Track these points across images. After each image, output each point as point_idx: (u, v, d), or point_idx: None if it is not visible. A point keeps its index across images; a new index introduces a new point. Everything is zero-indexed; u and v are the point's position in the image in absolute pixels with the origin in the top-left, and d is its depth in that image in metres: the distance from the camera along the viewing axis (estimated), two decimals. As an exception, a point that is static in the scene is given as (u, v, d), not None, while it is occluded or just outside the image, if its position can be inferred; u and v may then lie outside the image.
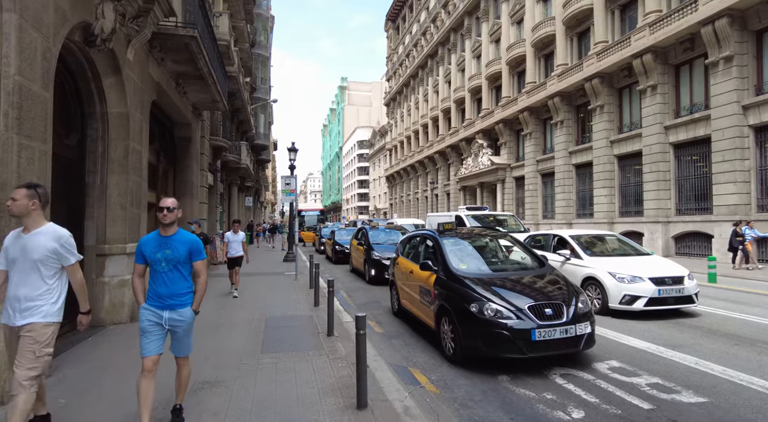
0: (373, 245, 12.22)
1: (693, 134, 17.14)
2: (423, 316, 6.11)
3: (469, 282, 5.22)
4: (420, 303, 6.16)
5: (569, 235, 8.97)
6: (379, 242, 12.58)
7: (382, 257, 11.42)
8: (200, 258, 3.37)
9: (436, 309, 5.54)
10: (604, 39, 21.66)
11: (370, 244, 12.35)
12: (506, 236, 7.23)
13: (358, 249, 13.49)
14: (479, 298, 4.88)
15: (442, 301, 5.39)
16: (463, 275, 5.43)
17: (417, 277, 6.32)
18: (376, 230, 14.02)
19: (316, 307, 7.83)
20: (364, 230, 13.53)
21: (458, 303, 5.04)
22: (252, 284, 11.25)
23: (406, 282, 6.95)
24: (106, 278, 6.36)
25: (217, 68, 11.63)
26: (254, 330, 6.28)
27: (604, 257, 8.26)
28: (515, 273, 5.74)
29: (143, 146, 7.51)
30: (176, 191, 12.41)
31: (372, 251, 11.88)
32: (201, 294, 3.46)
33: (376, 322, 7.17)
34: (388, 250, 11.65)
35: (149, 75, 8.00)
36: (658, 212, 18.38)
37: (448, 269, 5.64)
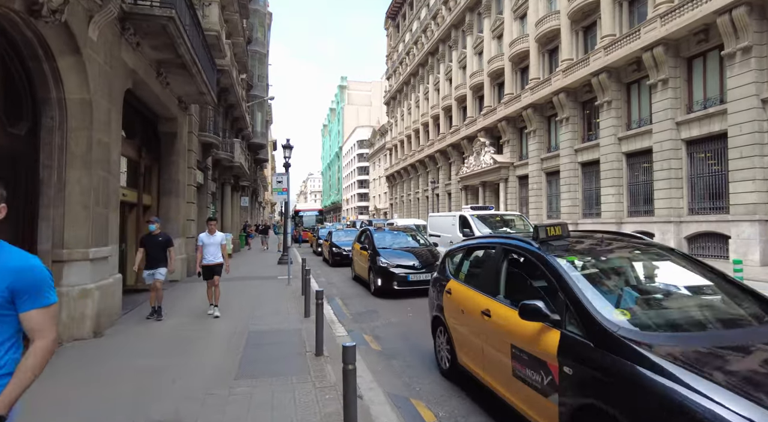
0: (379, 250, 10.56)
1: (707, 130, 16.33)
2: (521, 404, 3.28)
3: (676, 368, 2.21)
4: (514, 378, 3.31)
5: None
6: (386, 247, 10.99)
7: (389, 265, 9.88)
8: (38, 305, 1.63)
9: (568, 411, 2.71)
10: (612, 32, 20.87)
11: (375, 249, 10.68)
12: (672, 253, 3.79)
13: (361, 254, 11.70)
14: None
15: (592, 399, 2.54)
16: (646, 344, 2.44)
17: (503, 325, 3.51)
18: (381, 231, 12.35)
19: (306, 318, 7.04)
20: (368, 233, 11.94)
21: None
22: (239, 289, 10.46)
23: (471, 327, 4.08)
24: (64, 287, 5.57)
25: (204, 58, 10.85)
26: (232, 347, 5.49)
27: None
28: (740, 336, 2.69)
29: (113, 138, 6.72)
30: (161, 190, 11.65)
31: (378, 257, 10.17)
32: (25, 383, 1.57)
33: (373, 337, 6.37)
34: (397, 256, 10.26)
35: (122, 61, 7.22)
36: (670, 211, 17.58)
37: (593, 322, 2.71)
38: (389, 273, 9.69)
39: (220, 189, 20.80)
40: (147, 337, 6.11)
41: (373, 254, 10.51)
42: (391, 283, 9.59)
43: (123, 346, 5.59)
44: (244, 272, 14.18)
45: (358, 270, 12.08)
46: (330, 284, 11.98)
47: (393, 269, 9.71)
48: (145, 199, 10.83)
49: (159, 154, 11.64)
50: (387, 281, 9.66)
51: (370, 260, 10.59)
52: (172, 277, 11.49)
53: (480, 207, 16.55)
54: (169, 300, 8.86)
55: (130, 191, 10.05)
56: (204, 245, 7.64)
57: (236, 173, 23.00)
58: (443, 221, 15.03)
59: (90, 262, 5.71)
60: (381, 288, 9.77)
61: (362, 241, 12.33)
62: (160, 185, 11.65)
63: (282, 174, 12.34)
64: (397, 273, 9.62)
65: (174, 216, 11.72)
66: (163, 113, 11.20)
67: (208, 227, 7.86)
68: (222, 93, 19.74)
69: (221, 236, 7.91)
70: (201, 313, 7.68)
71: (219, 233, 7.88)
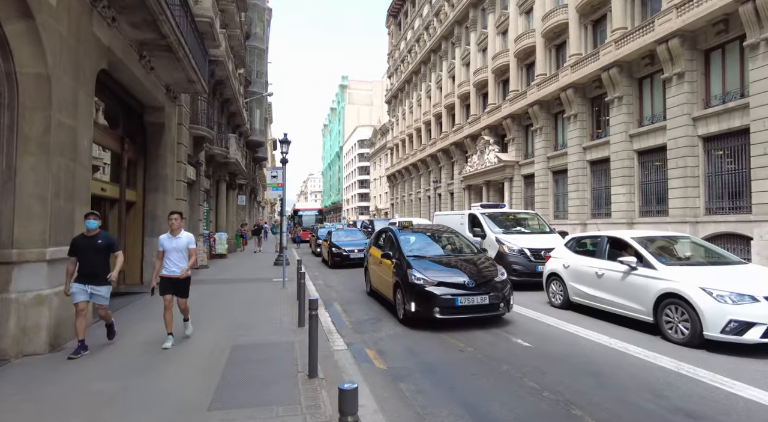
0: (410, 260, 7.40)
1: (727, 126, 15.49)
2: None
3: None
4: None
5: (631, 237, 6.98)
6: (418, 254, 7.81)
7: (427, 282, 6.76)
8: None
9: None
10: (623, 25, 20.07)
11: (404, 257, 7.54)
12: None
13: (382, 264, 8.47)
14: None
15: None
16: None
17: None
18: (408, 233, 8.95)
19: (300, 328, 6.20)
20: (391, 234, 8.75)
21: None
22: (229, 293, 9.65)
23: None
24: (13, 293, 4.75)
25: (194, 43, 10.03)
26: (212, 366, 4.66)
27: (687, 266, 6.33)
28: None
29: (81, 122, 5.90)
30: (147, 185, 10.84)
31: (410, 271, 7.05)
32: None
33: (377, 352, 5.50)
34: (437, 269, 7.14)
35: (94, 36, 6.40)
36: (685, 211, 16.76)
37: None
38: (428, 295, 6.62)
39: (214, 187, 19.98)
40: (113, 351, 5.28)
41: (400, 266, 7.45)
42: (430, 309, 6.57)
43: (81, 363, 4.76)
44: (237, 273, 13.36)
45: (377, 284, 9.01)
46: (328, 287, 11.14)
47: (432, 289, 6.65)
48: (128, 195, 10.02)
49: (145, 146, 10.83)
50: (425, 305, 6.62)
51: (396, 273, 7.53)
52: (158, 279, 10.68)
53: (490, 205, 15.36)
54: (147, 306, 8.04)
55: (112, 185, 9.24)
56: (165, 251, 5.67)
57: (232, 170, 22.17)
58: (451, 220, 14.08)
59: (47, 264, 4.89)
60: (415, 315, 6.69)
61: (382, 245, 9.17)
62: (146, 180, 10.84)
63: (277, 168, 11.46)
64: (439, 295, 6.55)
65: (161, 214, 10.88)
66: (149, 102, 10.38)
67: (170, 224, 5.79)
68: (217, 86, 18.95)
69: (187, 238, 5.78)
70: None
71: (185, 233, 5.83)
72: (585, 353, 5.36)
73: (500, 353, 5.36)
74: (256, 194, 44.17)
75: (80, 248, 5.17)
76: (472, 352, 5.41)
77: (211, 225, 19.43)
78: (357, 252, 15.09)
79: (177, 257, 5.67)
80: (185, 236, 5.81)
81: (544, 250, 10.60)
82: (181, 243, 5.72)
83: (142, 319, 6.88)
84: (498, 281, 6.85)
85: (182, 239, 5.75)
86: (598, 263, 7.16)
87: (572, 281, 7.69)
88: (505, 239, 10.94)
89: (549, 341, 5.92)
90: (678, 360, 4.98)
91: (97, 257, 5.22)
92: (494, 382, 4.39)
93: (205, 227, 17.72)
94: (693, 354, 5.24)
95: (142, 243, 10.66)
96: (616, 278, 6.67)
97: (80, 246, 5.18)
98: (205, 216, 17.79)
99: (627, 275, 6.48)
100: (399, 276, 7.35)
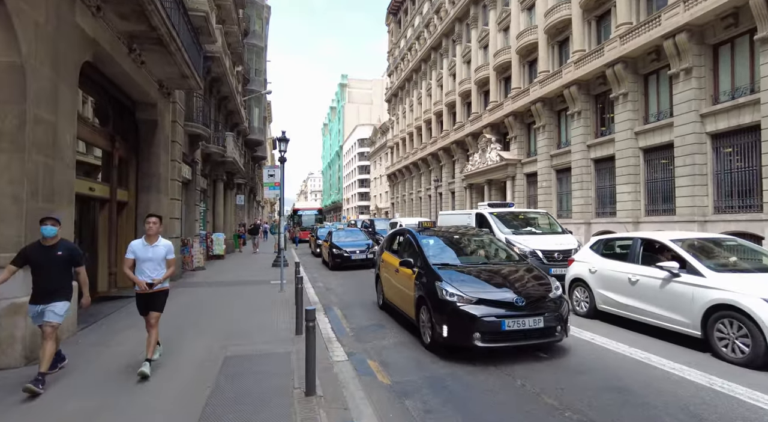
0: (438, 270, 5.86)
1: (736, 122, 15.10)
2: None
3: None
4: None
5: (670, 239, 6.20)
6: (447, 262, 6.25)
7: (463, 298, 5.22)
8: None
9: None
10: (628, 20, 19.68)
11: (430, 268, 5.97)
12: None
13: (400, 273, 6.83)
14: None
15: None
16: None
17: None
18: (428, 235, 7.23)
19: (298, 336, 5.82)
20: (411, 237, 7.14)
21: None
22: (224, 297, 9.26)
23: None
24: (-17, 303, 4.36)
25: (187, 37, 9.65)
26: (200, 381, 4.27)
27: (741, 273, 5.54)
28: None
29: (63, 118, 5.51)
30: (139, 185, 10.46)
31: (440, 285, 5.50)
32: None
33: (380, 364, 5.08)
34: (474, 282, 5.57)
35: (77, 26, 6.01)
36: (693, 210, 16.37)
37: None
38: (465, 316, 5.07)
39: (211, 186, 19.59)
40: (97, 363, 4.90)
41: (426, 277, 5.89)
42: (468, 334, 5.02)
43: (57, 378, 4.37)
44: (234, 275, 12.98)
45: (393, 297, 7.39)
46: (328, 290, 10.76)
47: (471, 309, 5.10)
48: (119, 194, 9.63)
49: (137, 144, 10.44)
50: (461, 329, 5.08)
51: (420, 286, 5.96)
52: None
53: (498, 204, 14.57)
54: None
55: (101, 185, 8.85)
56: (138, 261, 4.71)
57: (230, 169, 21.78)
58: (457, 219, 13.57)
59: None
60: (449, 341, 5.15)
61: (398, 250, 7.75)
62: (138, 179, 10.45)
63: (274, 167, 11.07)
64: (481, 317, 5.03)
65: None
66: (141, 98, 9.99)
67: (146, 229, 4.81)
68: (214, 83, 18.56)
69: (166, 247, 4.85)
70: (176, 330, 6.46)
71: (164, 241, 4.90)
72: (612, 367, 4.87)
73: (516, 366, 4.94)
74: (255, 193, 43.77)
75: (35, 260, 4.29)
76: (483, 365, 4.98)
77: (209, 226, 19.04)
78: (359, 253, 14.67)
79: (152, 268, 4.74)
80: (164, 244, 4.84)
81: (558, 252, 10.17)
82: (159, 253, 4.77)
83: (129, 326, 6.50)
84: (553, 298, 5.43)
85: (160, 248, 4.78)
86: (631, 268, 6.45)
87: (600, 288, 7.02)
88: (516, 240, 10.45)
89: (571, 353, 5.40)
90: (733, 382, 4.32)
91: (56, 271, 4.31)
92: (511, 399, 4.01)
93: (202, 227, 17.34)
94: (753, 376, 4.50)
95: (134, 245, 10.28)
96: (653, 285, 5.94)
97: (35, 258, 4.28)
98: (201, 216, 17.41)
99: (667, 283, 5.75)
100: (424, 290, 5.78)
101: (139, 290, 4.70)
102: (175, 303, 8.53)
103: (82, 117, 7.51)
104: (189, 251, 13.34)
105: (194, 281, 11.79)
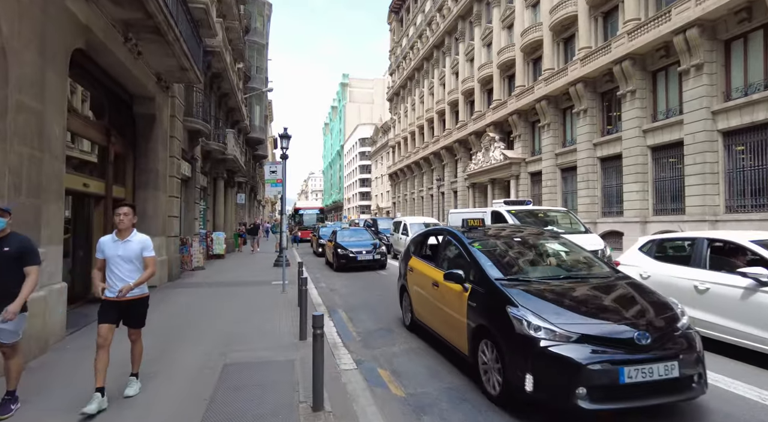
0: (505, 288, 4.09)
1: (750, 119, 14.72)
2: None
3: None
4: None
5: (749, 239, 5.21)
6: (523, 279, 4.40)
7: (559, 334, 3.47)
8: None
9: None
10: (636, 16, 19.31)
11: (497, 286, 4.19)
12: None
13: (445, 291, 4.98)
14: None
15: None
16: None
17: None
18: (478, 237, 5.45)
19: (302, 341, 5.44)
20: (457, 242, 5.37)
21: None
22: (224, 298, 8.88)
23: None
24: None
25: (185, 28, 9.28)
26: (196, 394, 3.88)
27: None
28: None
29: (51, 107, 5.15)
30: (137, 181, 10.10)
31: (513, 312, 3.76)
32: None
33: (392, 373, 4.65)
34: (564, 310, 3.74)
35: (67, 10, 5.65)
36: (704, 209, 16.00)
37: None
38: (562, 363, 3.34)
39: (212, 184, 19.23)
40: (83, 371, 4.53)
41: (487, 298, 4.22)
42: (568, 390, 3.29)
43: (41, 386, 4.01)
44: (234, 276, 12.61)
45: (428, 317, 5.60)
46: (332, 291, 10.38)
47: (569, 351, 3.37)
48: (115, 191, 9.26)
49: (135, 139, 10.08)
50: (557, 382, 3.37)
51: (479, 311, 4.26)
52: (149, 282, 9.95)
53: (514, 201, 13.60)
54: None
55: (96, 181, 8.48)
56: (107, 260, 3.81)
57: (230, 167, 21.41)
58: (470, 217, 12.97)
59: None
60: (535, 396, 3.44)
61: (433, 256, 6.13)
62: (135, 175, 10.10)
63: (276, 163, 10.71)
64: (587, 365, 3.29)
65: (152, 212, 10.17)
66: (138, 92, 9.64)
67: (116, 222, 3.86)
68: (214, 79, 18.21)
69: (141, 243, 3.91)
70: (173, 334, 6.09)
71: (140, 235, 3.97)
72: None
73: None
74: (256, 192, 43.42)
75: None
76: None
77: (209, 224, 18.68)
78: (365, 254, 14.10)
79: (126, 269, 3.80)
80: (138, 239, 3.90)
81: None
82: (132, 250, 3.82)
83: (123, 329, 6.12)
84: (683, 331, 3.67)
85: (133, 244, 3.84)
86: (698, 273, 5.39)
87: None
88: None
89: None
90: None
91: (3, 270, 3.45)
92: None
93: (202, 226, 16.99)
94: None
95: (131, 244, 9.92)
96: (730, 295, 4.94)
97: None
98: (201, 215, 17.05)
99: (752, 293, 4.72)
100: (486, 317, 4.08)
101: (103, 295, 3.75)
102: (173, 305, 8.18)
103: (74, 109, 7.16)
104: (188, 251, 12.98)
105: (193, 281, 11.43)
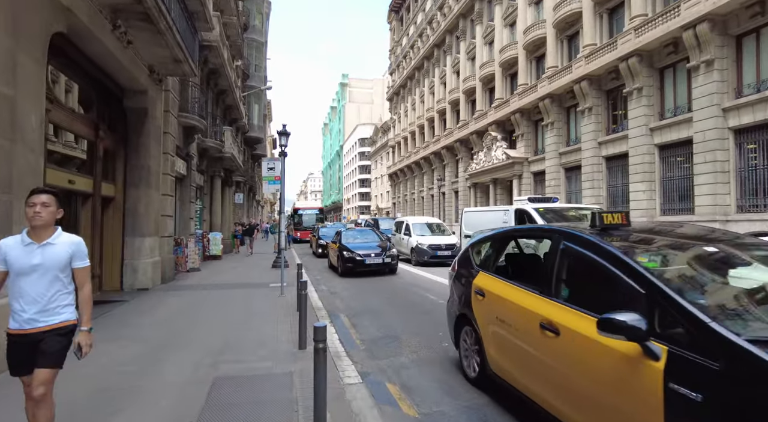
0: None
1: (762, 116, 14.31)
2: None
3: None
4: None
5: None
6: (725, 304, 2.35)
7: None
8: None
9: None
10: (643, 12, 18.90)
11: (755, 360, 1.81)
12: None
13: (586, 350, 2.59)
14: None
15: None
16: None
17: None
18: (635, 245, 3.09)
19: (302, 351, 4.97)
20: (596, 255, 2.84)
21: None
22: (220, 301, 8.41)
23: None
24: None
25: (180, 18, 8.82)
26: (180, 416, 3.42)
27: None
28: None
29: (24, 93, 4.70)
30: (128, 178, 9.62)
31: None
32: None
33: (401, 388, 4.17)
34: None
35: (46, -11, 5.18)
36: (714, 209, 15.56)
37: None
38: None
39: (208, 183, 18.74)
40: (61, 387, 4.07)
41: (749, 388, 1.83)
42: None
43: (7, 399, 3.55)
44: (231, 277, 12.14)
45: (528, 378, 3.27)
46: (332, 294, 9.92)
47: None
48: (104, 189, 8.80)
49: (126, 135, 9.61)
50: None
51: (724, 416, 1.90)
52: (140, 284, 9.50)
53: (540, 198, 12.44)
54: (125, 316, 6.85)
55: (82, 177, 8.02)
56: (12, 274, 2.54)
57: (228, 165, 20.93)
58: (487, 218, 11.85)
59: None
60: None
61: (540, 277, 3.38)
62: (126, 172, 9.62)
63: (274, 159, 10.25)
64: None
65: (144, 211, 9.69)
66: (129, 84, 9.18)
67: (30, 217, 2.52)
68: (211, 75, 17.74)
69: (70, 246, 2.64)
70: (162, 342, 5.62)
71: (67, 235, 2.68)
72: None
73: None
74: (254, 192, 42.93)
75: None
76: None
77: (205, 224, 18.20)
78: (374, 257, 12.91)
79: (41, 287, 2.54)
80: (66, 242, 2.64)
81: None
82: (55, 257, 2.58)
83: (110, 338, 5.67)
84: None
85: (57, 249, 2.59)
86: None
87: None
88: None
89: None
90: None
91: None
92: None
93: (198, 226, 16.50)
94: None
95: (122, 244, 9.46)
96: None
97: None
98: (197, 214, 16.57)
99: None
100: None
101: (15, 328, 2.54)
102: (164, 309, 7.72)
103: (57, 99, 6.69)
104: (183, 252, 12.50)
105: (188, 283, 10.96)
